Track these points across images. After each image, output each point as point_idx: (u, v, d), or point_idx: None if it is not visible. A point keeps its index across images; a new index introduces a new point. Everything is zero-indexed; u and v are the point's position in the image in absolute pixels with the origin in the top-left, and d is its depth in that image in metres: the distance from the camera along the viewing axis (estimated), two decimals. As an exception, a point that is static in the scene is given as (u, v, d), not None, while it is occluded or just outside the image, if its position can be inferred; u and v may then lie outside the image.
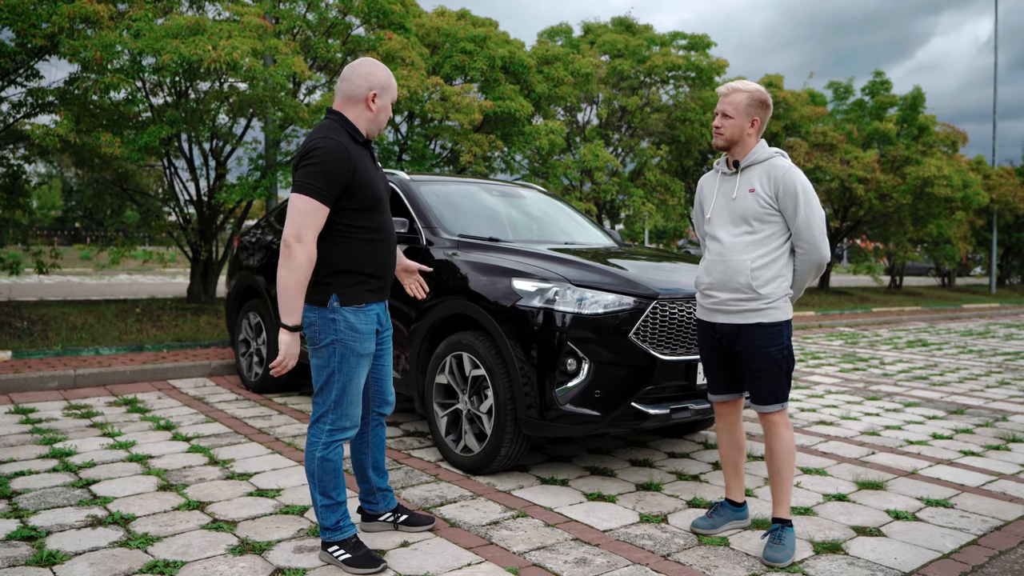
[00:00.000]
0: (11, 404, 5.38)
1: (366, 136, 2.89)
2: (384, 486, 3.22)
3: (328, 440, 2.86)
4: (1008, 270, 29.28)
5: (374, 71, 2.85)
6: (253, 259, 6.19)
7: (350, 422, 2.89)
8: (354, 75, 2.84)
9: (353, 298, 2.82)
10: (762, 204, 3.07)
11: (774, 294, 3.07)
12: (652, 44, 15.50)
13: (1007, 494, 3.97)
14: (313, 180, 2.69)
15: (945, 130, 20.51)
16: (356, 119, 2.85)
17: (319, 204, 2.70)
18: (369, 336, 2.87)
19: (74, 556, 2.91)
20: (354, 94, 2.83)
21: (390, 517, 3.22)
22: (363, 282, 2.84)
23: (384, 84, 2.86)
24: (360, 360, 2.86)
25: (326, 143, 2.73)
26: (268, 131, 8.83)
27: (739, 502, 3.39)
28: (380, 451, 3.20)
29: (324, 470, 2.86)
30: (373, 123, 2.88)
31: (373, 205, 2.84)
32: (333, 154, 2.71)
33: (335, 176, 2.71)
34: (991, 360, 9.27)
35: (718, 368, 3.28)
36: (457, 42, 10.02)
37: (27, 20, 6.67)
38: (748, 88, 3.13)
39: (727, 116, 3.13)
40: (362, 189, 2.78)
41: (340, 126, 2.82)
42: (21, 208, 9.71)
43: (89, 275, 21.45)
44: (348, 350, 2.82)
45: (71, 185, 26.89)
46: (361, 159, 2.81)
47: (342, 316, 2.80)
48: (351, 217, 2.80)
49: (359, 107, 2.84)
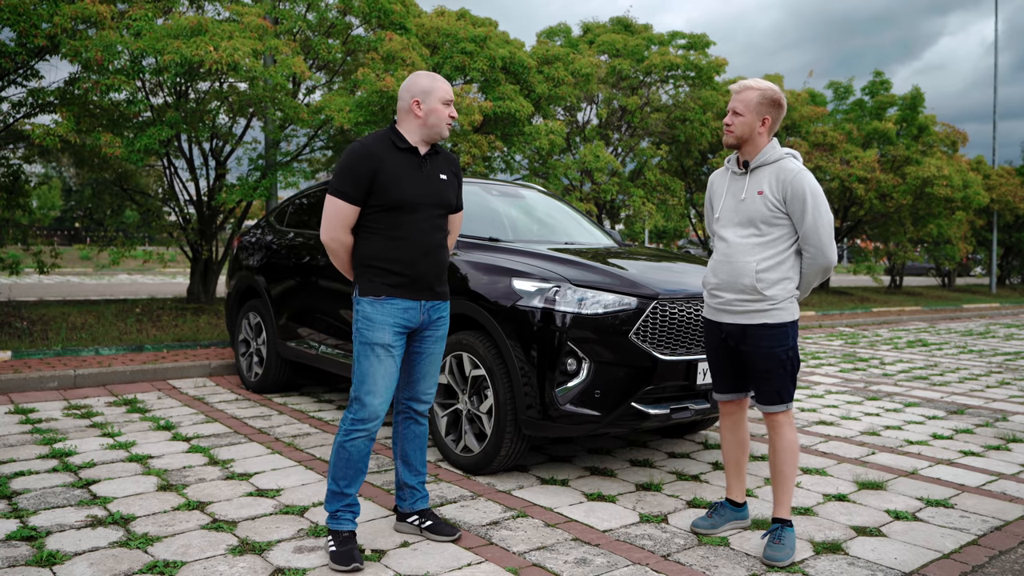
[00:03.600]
0: (11, 404, 5.38)
1: (420, 140, 3.04)
2: (413, 484, 3.24)
3: (350, 428, 2.98)
4: (1008, 270, 29.28)
5: (415, 80, 3.04)
6: (253, 259, 6.19)
7: (368, 414, 2.96)
8: (400, 90, 3.06)
9: (371, 289, 2.99)
10: (770, 207, 3.05)
11: (779, 296, 3.07)
12: (651, 44, 15.49)
13: (1007, 494, 3.97)
14: (336, 182, 2.97)
15: (945, 130, 20.52)
16: (405, 128, 3.04)
17: (342, 203, 2.95)
18: (382, 326, 2.97)
19: (74, 556, 2.91)
20: (401, 107, 3.05)
21: (417, 520, 3.22)
22: (382, 275, 2.99)
23: (425, 88, 3.02)
24: (373, 348, 2.96)
25: (352, 147, 2.99)
26: (268, 131, 8.83)
27: (739, 502, 3.39)
28: (412, 446, 3.23)
29: (339, 457, 2.99)
30: (425, 126, 3.03)
31: (397, 207, 2.97)
32: (353, 156, 2.95)
33: (356, 176, 2.93)
34: (991, 360, 9.27)
35: (724, 367, 3.28)
36: (457, 42, 10.02)
37: (28, 20, 6.66)
38: (761, 86, 3.10)
39: (737, 113, 3.10)
40: (385, 190, 2.95)
41: (385, 133, 3.05)
42: (21, 208, 9.70)
43: (89, 275, 21.46)
44: (363, 338, 2.98)
45: (71, 185, 26.88)
46: (396, 163, 2.98)
47: (361, 305, 3.00)
48: (375, 215, 2.98)
49: (408, 116, 3.03)
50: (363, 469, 3.01)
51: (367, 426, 2.97)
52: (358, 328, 3.00)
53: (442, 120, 3.03)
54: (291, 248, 5.75)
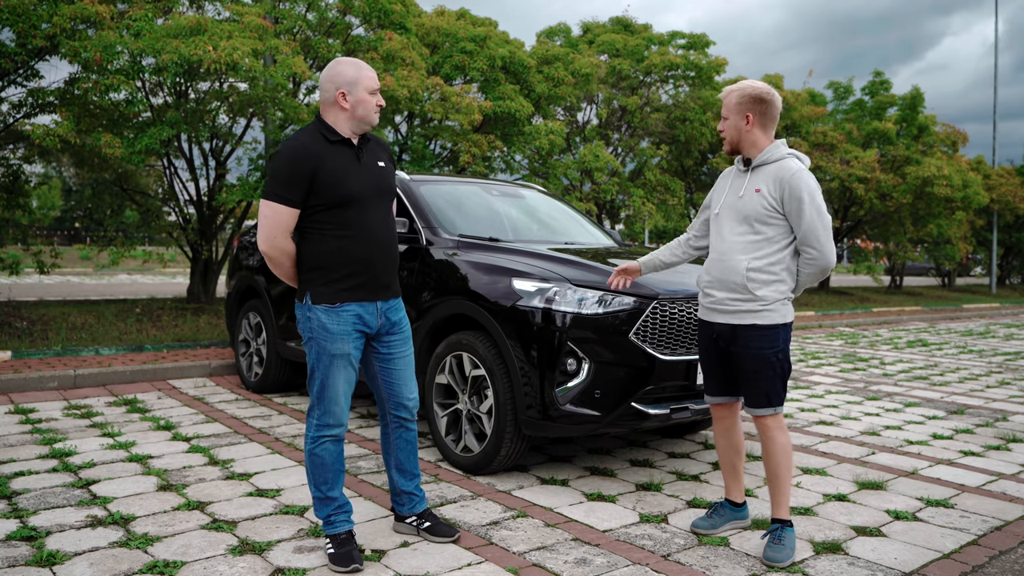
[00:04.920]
0: (11, 404, 5.38)
1: (351, 133, 2.91)
2: (409, 489, 3.19)
3: (316, 435, 2.93)
4: (1008, 270, 29.28)
5: (339, 70, 2.88)
6: (253, 259, 6.19)
7: (333, 419, 2.92)
8: (322, 80, 2.91)
9: (325, 297, 2.86)
10: (765, 206, 3.05)
11: (771, 297, 3.06)
12: (651, 44, 15.50)
13: (1007, 494, 3.97)
14: (272, 184, 2.80)
15: (945, 130, 20.52)
16: (333, 120, 2.89)
17: (282, 208, 2.79)
18: (342, 336, 2.87)
19: (74, 556, 2.91)
20: (326, 99, 2.89)
21: (415, 521, 3.20)
22: (338, 280, 2.86)
23: (350, 79, 2.86)
24: (334, 360, 2.88)
25: (284, 144, 2.85)
26: (268, 131, 8.82)
27: (739, 502, 3.39)
28: (405, 453, 3.16)
29: (313, 464, 2.96)
30: (353, 119, 2.89)
31: (342, 203, 2.84)
32: (288, 155, 2.80)
33: (293, 176, 2.78)
34: (991, 360, 9.27)
35: (716, 369, 3.28)
36: (457, 42, 10.02)
37: (27, 20, 6.66)
38: (740, 86, 3.14)
39: (724, 118, 3.16)
40: (327, 187, 2.81)
41: (315, 127, 2.89)
42: (21, 208, 9.70)
43: (89, 275, 21.46)
44: (321, 348, 2.88)
45: (71, 185, 26.88)
46: (332, 157, 2.83)
47: (315, 314, 2.87)
48: (319, 215, 2.84)
49: (333, 108, 2.88)
50: (340, 469, 2.98)
51: (333, 431, 2.93)
52: (314, 338, 2.86)
53: (370, 110, 2.89)
54: (291, 248, 5.74)
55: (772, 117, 3.12)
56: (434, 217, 4.71)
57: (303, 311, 2.90)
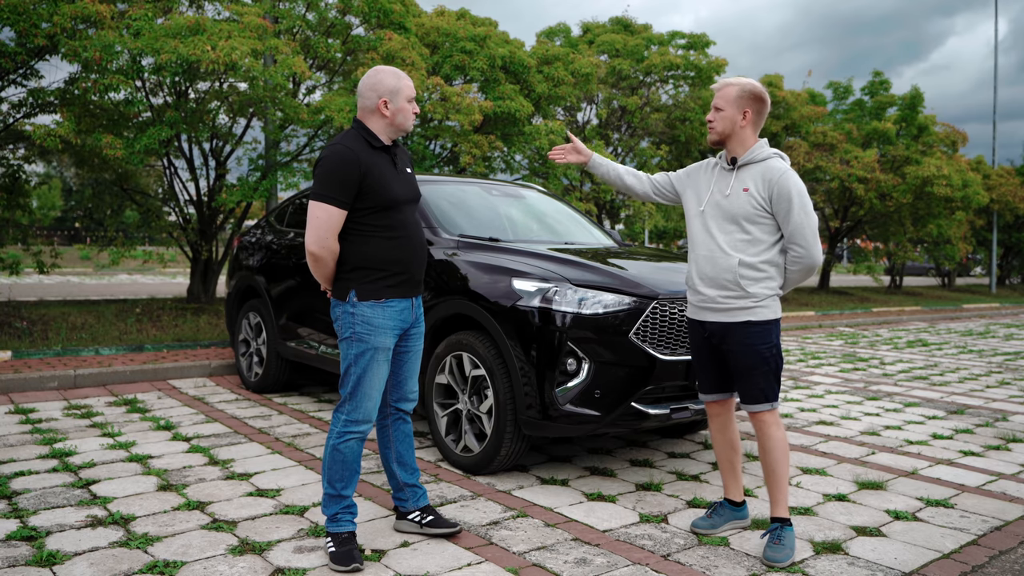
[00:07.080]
0: (11, 404, 5.38)
1: (389, 140, 3.01)
2: (412, 482, 3.25)
3: (343, 430, 2.97)
4: (1008, 270, 29.29)
5: (381, 79, 2.97)
6: (253, 259, 6.19)
7: (363, 415, 2.96)
8: (364, 88, 2.98)
9: (371, 293, 2.95)
10: (754, 205, 3.07)
11: (762, 293, 3.08)
12: (651, 44, 15.51)
13: (1007, 494, 3.97)
14: (324, 187, 2.87)
15: (945, 130, 20.52)
16: (374, 126, 2.99)
17: (333, 209, 2.86)
18: (386, 330, 2.96)
19: (74, 556, 2.91)
20: (367, 106, 2.98)
21: (417, 516, 3.22)
22: (382, 278, 2.96)
23: (392, 88, 2.96)
24: (376, 354, 2.95)
25: (333, 149, 2.90)
26: (268, 131, 8.82)
27: (738, 501, 3.39)
28: (404, 446, 3.24)
29: (334, 460, 2.98)
30: (392, 126, 3.00)
31: (388, 206, 2.95)
32: (339, 159, 2.87)
33: (346, 179, 2.86)
34: (991, 360, 9.27)
35: (708, 367, 3.29)
36: (457, 42, 10.02)
37: (27, 20, 6.66)
38: (739, 82, 3.15)
39: (719, 109, 3.15)
40: (375, 191, 2.91)
41: (358, 133, 2.97)
42: (21, 208, 9.71)
43: (89, 275, 21.47)
44: (364, 344, 2.94)
45: (71, 185, 26.92)
46: (376, 163, 2.94)
47: (360, 311, 2.94)
48: (366, 217, 2.93)
49: (374, 115, 2.98)
50: (357, 470, 3.02)
51: (361, 428, 2.98)
52: (356, 332, 2.94)
53: (408, 119, 3.01)
54: (291, 248, 5.75)
55: (764, 117, 3.18)
56: (434, 217, 4.71)
57: (345, 308, 2.96)
